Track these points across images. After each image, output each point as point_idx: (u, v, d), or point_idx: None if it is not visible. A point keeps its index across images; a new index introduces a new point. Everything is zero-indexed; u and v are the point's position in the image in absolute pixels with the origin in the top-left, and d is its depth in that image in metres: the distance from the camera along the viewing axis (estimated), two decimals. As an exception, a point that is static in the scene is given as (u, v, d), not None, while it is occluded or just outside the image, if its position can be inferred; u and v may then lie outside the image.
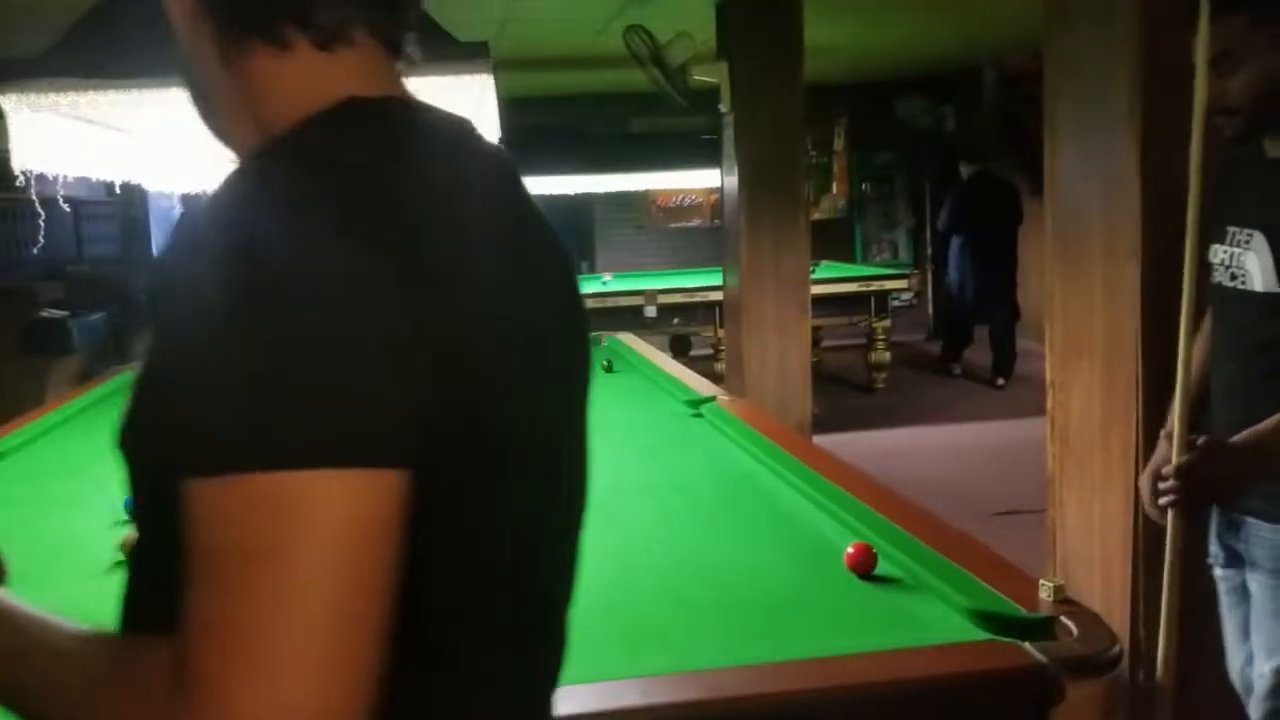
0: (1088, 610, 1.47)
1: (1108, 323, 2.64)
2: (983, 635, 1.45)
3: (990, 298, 7.83)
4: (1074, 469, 2.80)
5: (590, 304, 6.19)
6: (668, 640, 1.54)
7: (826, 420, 5.78)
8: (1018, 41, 8.51)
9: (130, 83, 1.77)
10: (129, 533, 2.00)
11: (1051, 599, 1.48)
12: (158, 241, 9.42)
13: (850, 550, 1.74)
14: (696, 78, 5.58)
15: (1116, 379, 2.60)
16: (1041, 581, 1.51)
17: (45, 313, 7.09)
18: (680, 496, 2.27)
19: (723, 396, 3.07)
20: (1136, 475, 2.55)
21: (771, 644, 1.50)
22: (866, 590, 1.68)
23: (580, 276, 8.57)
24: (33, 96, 1.77)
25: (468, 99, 1.91)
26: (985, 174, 8.07)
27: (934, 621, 1.54)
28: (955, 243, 8.09)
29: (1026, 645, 1.35)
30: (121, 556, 1.95)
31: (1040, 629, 1.41)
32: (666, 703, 1.26)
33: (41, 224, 2.57)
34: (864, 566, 1.72)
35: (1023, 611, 1.46)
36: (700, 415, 2.98)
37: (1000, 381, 7.82)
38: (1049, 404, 2.88)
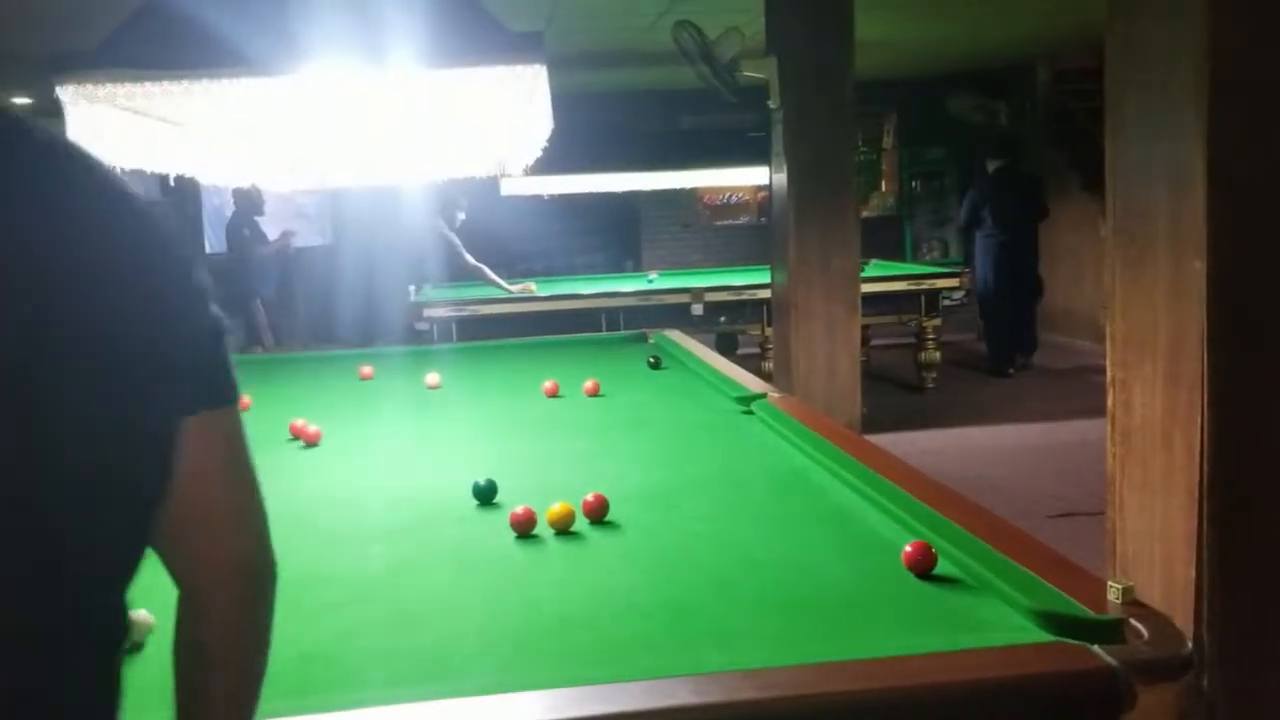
0: (1157, 613, 1.42)
1: (1171, 320, 2.57)
2: (1048, 637, 1.40)
3: (1016, 289, 8.08)
4: (1135, 469, 2.73)
5: (636, 302, 6.22)
6: (722, 637, 1.51)
7: (875, 420, 5.71)
8: (1071, 37, 8.37)
9: (184, 74, 1.77)
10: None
11: (1120, 600, 1.43)
12: (211, 239, 9.53)
13: (908, 549, 1.70)
14: (745, 73, 5.53)
15: (1181, 378, 2.53)
16: (1110, 583, 1.46)
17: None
18: (733, 493, 2.24)
19: (773, 394, 3.03)
20: (1200, 476, 2.49)
21: (829, 643, 1.46)
22: (925, 590, 1.64)
23: (625, 275, 8.53)
24: (89, 88, 1.78)
25: (520, 90, 1.89)
26: (1010, 169, 8.21)
27: (996, 622, 1.50)
28: (980, 237, 8.26)
29: (1095, 648, 1.31)
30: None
31: (1108, 631, 1.36)
32: (722, 701, 1.23)
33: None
34: (923, 565, 1.68)
35: (1089, 613, 1.41)
36: (750, 412, 2.94)
37: (1021, 362, 8.21)
38: (1109, 402, 2.81)
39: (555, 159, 3.42)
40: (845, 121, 5.34)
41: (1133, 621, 1.37)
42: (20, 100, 7.03)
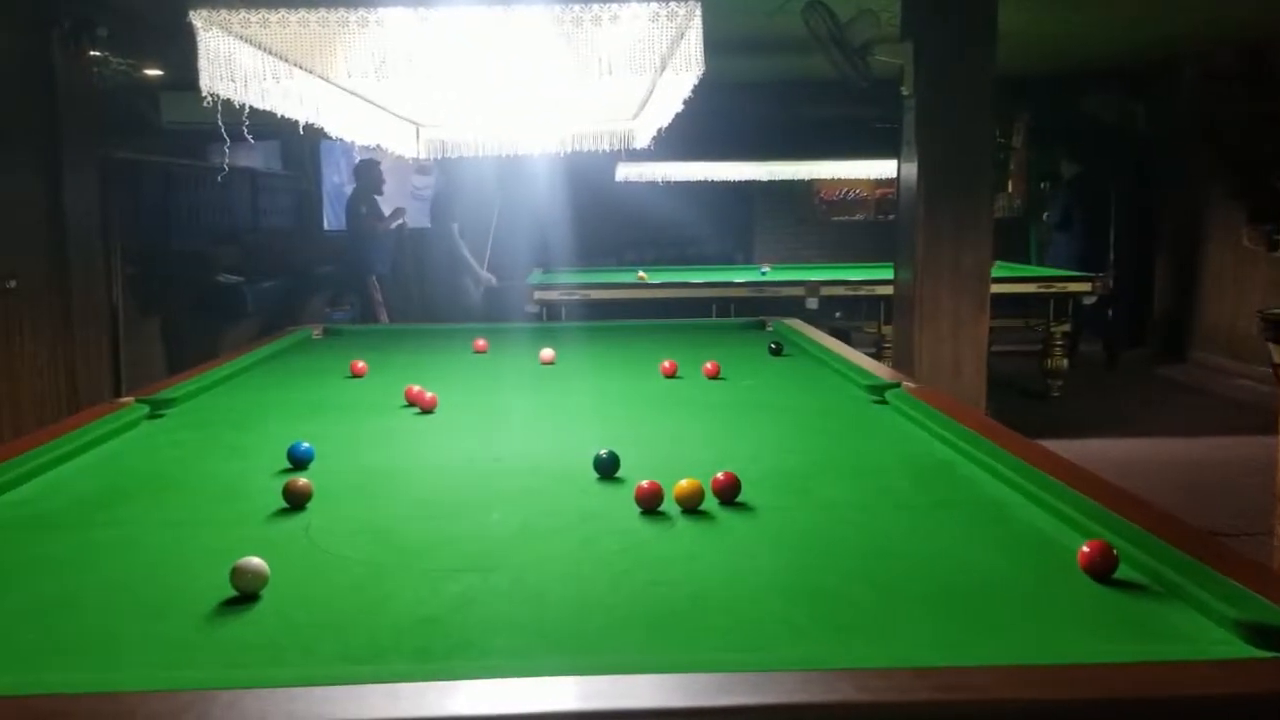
0: (1398, 636, 1.21)
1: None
2: (1264, 653, 1.21)
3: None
4: (1314, 484, 2.48)
5: (748, 293, 6.10)
6: (875, 631, 1.36)
7: (998, 425, 5.44)
8: (1222, 34, 7.93)
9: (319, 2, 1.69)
10: (293, 479, 1.94)
11: (1350, 619, 1.23)
12: (329, 217, 9.66)
13: (1086, 549, 1.52)
14: (878, 58, 5.32)
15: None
16: (1337, 597, 1.26)
17: (222, 277, 7.33)
18: (872, 481, 2.07)
19: (909, 383, 2.85)
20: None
21: (999, 645, 1.30)
22: (1106, 594, 1.46)
23: (737, 266, 8.56)
24: (223, 14, 1.72)
25: (671, 29, 1.76)
26: (1086, 176, 8.70)
27: (1194, 634, 1.31)
28: (1062, 238, 8.64)
29: (1334, 670, 1.12)
30: (285, 504, 1.89)
31: (1341, 653, 1.17)
32: (892, 701, 1.08)
33: (226, 150, 2.55)
34: (1102, 568, 1.49)
35: (1317, 629, 1.22)
36: (884, 401, 2.77)
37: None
38: (1285, 410, 2.56)
39: (671, 145, 3.31)
40: (983, 111, 5.10)
41: (1371, 643, 1.18)
42: (153, 71, 7.17)
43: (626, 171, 8.12)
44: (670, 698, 1.09)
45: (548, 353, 3.59)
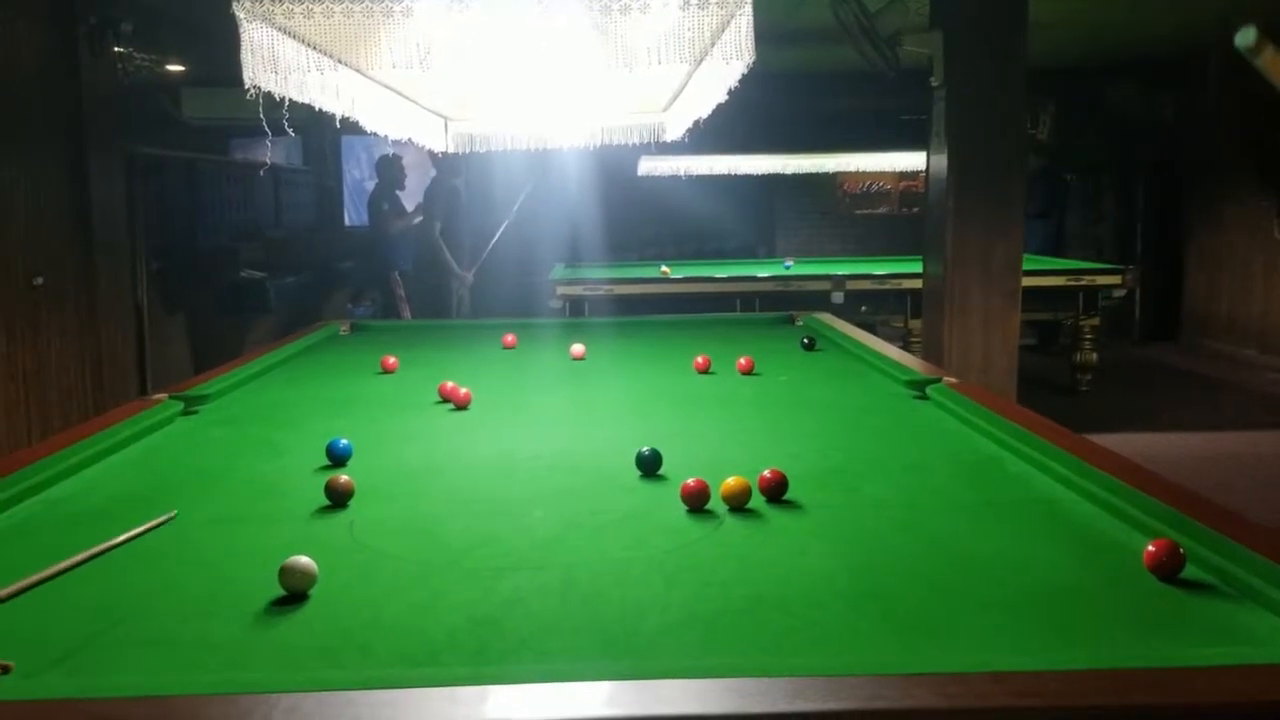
0: None
1: None
2: (1349, 659, 1.17)
3: None
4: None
5: (773, 287, 6.02)
6: (938, 632, 1.32)
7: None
8: (1253, 21, 7.82)
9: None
10: (335, 475, 1.91)
11: None
12: (350, 213, 9.65)
13: (1151, 548, 1.48)
14: (908, 48, 5.26)
15: None
16: None
17: (246, 274, 7.32)
18: (920, 479, 2.04)
19: (950, 378, 2.80)
20: None
21: (1069, 647, 1.26)
22: (1174, 595, 1.42)
23: (760, 261, 8.48)
24: (266, 5, 1.69)
25: (722, 14, 1.72)
26: (1049, 170, 8.92)
27: (1271, 636, 1.27)
28: (1039, 227, 8.67)
29: None
30: (327, 500, 1.86)
31: None
32: (971, 707, 1.05)
33: (269, 145, 2.53)
34: (1169, 567, 1.45)
35: (1405, 634, 1.18)
36: (924, 397, 2.73)
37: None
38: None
39: (694, 139, 3.28)
40: (1014, 102, 5.04)
41: None
42: (175, 67, 7.17)
43: (649, 166, 8.08)
44: (744, 703, 1.06)
45: (578, 348, 3.56)
